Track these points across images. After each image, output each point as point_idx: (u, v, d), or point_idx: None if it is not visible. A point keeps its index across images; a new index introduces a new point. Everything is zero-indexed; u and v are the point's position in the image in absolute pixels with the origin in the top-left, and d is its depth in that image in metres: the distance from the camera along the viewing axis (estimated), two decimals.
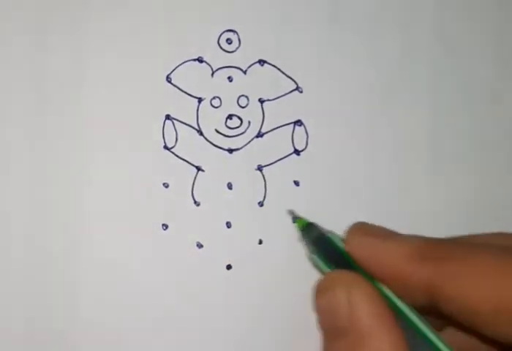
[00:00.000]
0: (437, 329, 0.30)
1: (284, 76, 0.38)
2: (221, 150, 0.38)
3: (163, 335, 0.37)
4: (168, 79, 0.38)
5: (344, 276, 0.29)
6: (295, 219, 0.35)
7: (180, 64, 0.38)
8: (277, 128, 0.38)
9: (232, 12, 0.38)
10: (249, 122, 0.38)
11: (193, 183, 0.38)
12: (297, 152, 0.38)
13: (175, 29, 0.38)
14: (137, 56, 0.38)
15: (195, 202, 0.38)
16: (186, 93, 0.38)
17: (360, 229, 0.31)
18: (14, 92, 0.37)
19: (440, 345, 0.28)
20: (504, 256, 0.27)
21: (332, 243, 0.32)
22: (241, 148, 0.38)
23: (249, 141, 0.38)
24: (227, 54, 0.38)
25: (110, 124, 0.38)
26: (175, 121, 0.38)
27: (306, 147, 0.38)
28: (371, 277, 0.29)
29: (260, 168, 0.38)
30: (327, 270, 0.31)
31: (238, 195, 0.38)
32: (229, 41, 0.38)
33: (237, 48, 0.38)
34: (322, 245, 0.32)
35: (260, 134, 0.38)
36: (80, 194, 0.37)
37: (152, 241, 0.37)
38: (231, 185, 0.38)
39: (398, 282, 0.29)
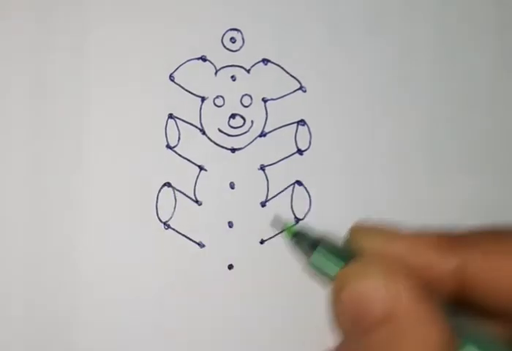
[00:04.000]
0: None
1: (287, 75, 0.38)
2: (223, 149, 0.38)
3: (163, 334, 0.37)
4: (171, 78, 0.38)
5: (374, 264, 0.26)
6: (285, 227, 0.34)
7: (183, 63, 0.38)
8: (280, 127, 0.38)
9: (236, 11, 0.38)
10: (252, 121, 0.38)
11: (195, 183, 0.38)
12: (300, 152, 0.38)
13: (178, 28, 0.38)
14: (140, 55, 0.38)
15: (197, 201, 0.38)
16: (189, 92, 0.38)
17: (367, 225, 0.30)
18: (13, 90, 0.37)
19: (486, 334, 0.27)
20: None
21: (334, 242, 0.31)
22: (244, 147, 0.38)
23: (252, 140, 0.38)
24: (231, 53, 0.38)
25: (113, 123, 0.38)
26: (177, 120, 0.38)
27: (309, 147, 0.38)
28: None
29: (262, 168, 0.38)
30: (337, 269, 0.29)
31: (241, 195, 0.38)
32: (233, 40, 0.38)
33: (241, 47, 0.38)
34: (325, 246, 0.31)
35: (262, 134, 0.38)
36: (82, 193, 0.37)
37: (153, 240, 0.37)
38: (233, 184, 0.38)
39: (424, 276, 0.27)
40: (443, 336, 0.24)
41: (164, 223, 0.37)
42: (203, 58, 0.38)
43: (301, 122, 0.38)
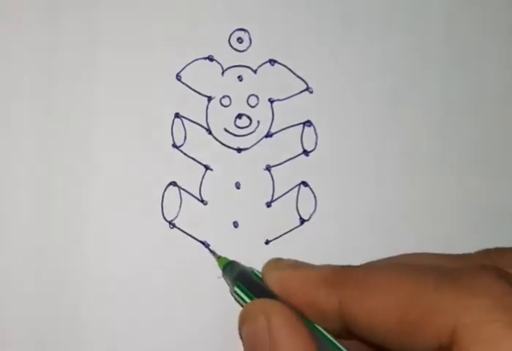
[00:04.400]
0: None
1: (294, 76, 0.38)
2: (229, 149, 0.38)
3: (166, 334, 0.37)
4: (178, 77, 0.38)
5: (263, 303, 0.30)
6: (218, 258, 0.36)
7: (190, 62, 0.38)
8: (286, 128, 0.38)
9: (244, 11, 0.38)
10: (259, 122, 0.38)
11: (201, 182, 0.38)
12: (306, 153, 0.38)
13: (186, 27, 0.38)
14: (147, 54, 0.38)
15: (203, 200, 0.38)
16: (195, 91, 0.38)
17: (274, 263, 0.33)
18: (22, 89, 0.37)
19: None
20: (398, 272, 0.28)
21: (253, 278, 0.33)
22: (250, 147, 0.38)
23: (258, 141, 0.38)
24: (238, 53, 0.38)
25: (119, 122, 0.37)
26: (184, 120, 0.38)
27: (315, 148, 0.38)
28: (291, 307, 0.30)
29: (268, 168, 0.38)
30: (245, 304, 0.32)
31: (246, 195, 0.38)
32: (240, 40, 0.38)
33: (248, 47, 0.38)
34: (244, 280, 0.33)
35: (269, 134, 0.38)
36: (87, 191, 0.37)
37: (158, 240, 0.37)
38: (239, 184, 0.38)
39: (313, 310, 0.30)
40: None
41: (170, 222, 0.37)
42: (210, 58, 0.38)
43: (307, 123, 0.38)
